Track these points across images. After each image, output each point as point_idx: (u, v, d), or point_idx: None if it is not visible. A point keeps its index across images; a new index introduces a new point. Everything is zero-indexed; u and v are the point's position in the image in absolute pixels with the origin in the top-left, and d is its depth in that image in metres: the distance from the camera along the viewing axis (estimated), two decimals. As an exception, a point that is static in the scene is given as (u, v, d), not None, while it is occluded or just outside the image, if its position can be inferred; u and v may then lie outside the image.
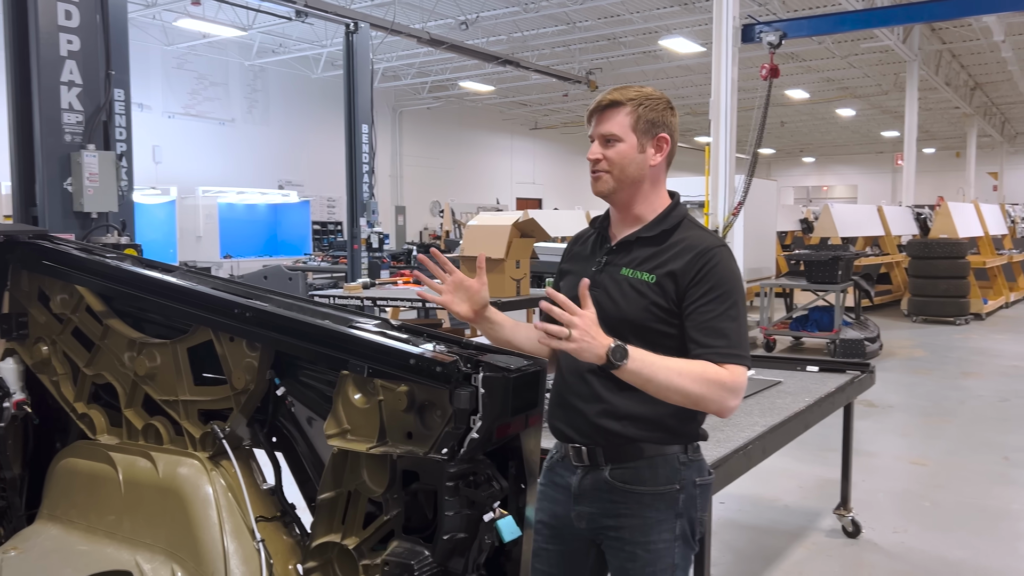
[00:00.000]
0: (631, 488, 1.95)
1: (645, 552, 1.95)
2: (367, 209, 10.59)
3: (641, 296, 1.93)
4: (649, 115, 1.97)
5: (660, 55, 19.22)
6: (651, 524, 1.95)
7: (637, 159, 1.97)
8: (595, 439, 1.97)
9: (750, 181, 8.67)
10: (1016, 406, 7.35)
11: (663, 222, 1.99)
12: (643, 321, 1.92)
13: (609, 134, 1.96)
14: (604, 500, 1.98)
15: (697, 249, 1.92)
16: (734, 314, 1.88)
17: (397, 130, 23.83)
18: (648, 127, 1.97)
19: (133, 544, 2.00)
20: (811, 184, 39.86)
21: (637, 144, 1.97)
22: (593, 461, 1.98)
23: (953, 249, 12.83)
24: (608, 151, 1.97)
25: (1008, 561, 4.03)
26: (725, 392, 1.83)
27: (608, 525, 1.98)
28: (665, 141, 2.00)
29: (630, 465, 1.95)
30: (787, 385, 3.85)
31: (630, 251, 1.99)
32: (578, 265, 2.10)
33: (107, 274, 2.15)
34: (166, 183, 15.39)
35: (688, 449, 1.99)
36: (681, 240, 1.96)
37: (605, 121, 1.97)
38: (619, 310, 1.94)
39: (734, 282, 1.92)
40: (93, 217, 5.41)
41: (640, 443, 1.95)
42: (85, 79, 5.29)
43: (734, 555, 4.12)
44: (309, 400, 1.94)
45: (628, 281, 1.95)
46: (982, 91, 24.33)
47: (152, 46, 16.90)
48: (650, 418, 1.92)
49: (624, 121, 1.96)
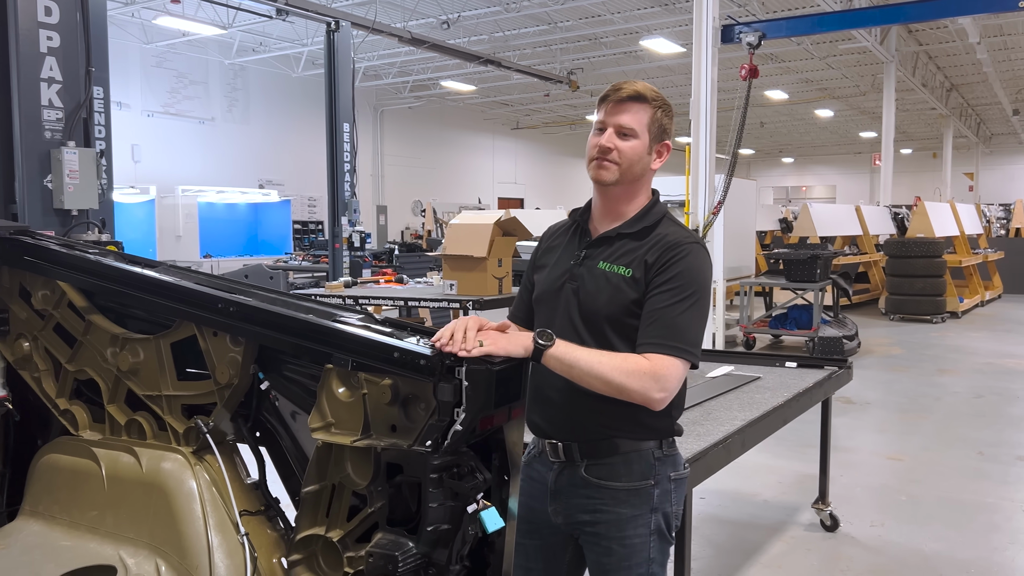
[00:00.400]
0: (606, 484, 1.96)
1: (620, 547, 1.96)
2: (348, 208, 10.57)
3: (617, 290, 1.93)
4: (663, 119, 1.98)
5: (641, 55, 19.30)
6: (626, 519, 1.96)
7: (645, 159, 1.97)
8: (570, 434, 1.98)
9: (730, 181, 8.74)
10: (990, 402, 7.46)
11: (644, 218, 2.00)
12: (618, 315, 1.92)
13: (628, 128, 1.94)
14: (580, 496, 1.99)
15: (670, 242, 1.93)
16: (684, 307, 1.86)
17: (378, 129, 23.77)
18: (660, 132, 1.98)
19: (116, 539, 2.01)
20: (790, 184, 40.15)
21: (648, 144, 1.96)
22: (569, 457, 1.99)
23: (930, 248, 12.99)
24: (622, 144, 1.94)
25: (982, 553, 4.10)
26: (648, 381, 1.80)
27: (584, 520, 1.99)
28: (667, 149, 2.01)
29: (605, 461, 1.96)
30: (766, 381, 3.89)
31: (610, 245, 2.00)
32: (554, 258, 2.09)
33: (89, 270, 2.15)
34: (145, 182, 15.28)
35: (663, 444, 1.99)
36: (660, 235, 1.96)
37: (625, 112, 1.94)
38: (595, 304, 1.95)
39: (696, 277, 1.90)
40: (73, 214, 5.38)
41: (615, 439, 1.96)
42: (65, 76, 5.26)
43: (714, 549, 4.16)
44: (293, 394, 1.95)
45: (605, 275, 1.96)
46: (958, 92, 24.61)
47: (131, 44, 16.77)
48: (625, 414, 1.91)
49: (643, 118, 1.95)
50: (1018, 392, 7.85)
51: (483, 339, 1.69)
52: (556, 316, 2.00)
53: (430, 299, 6.78)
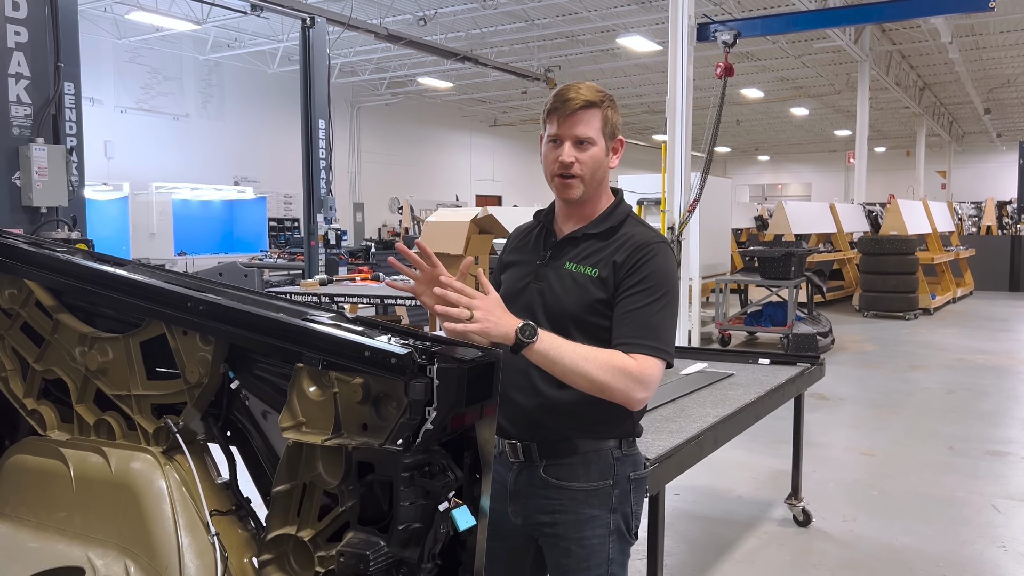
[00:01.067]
0: (565, 485, 1.96)
1: (579, 548, 1.96)
2: (324, 205, 10.52)
3: (583, 290, 1.93)
4: (613, 117, 1.96)
5: (618, 53, 19.36)
6: (585, 520, 1.95)
7: (604, 164, 1.96)
8: (530, 434, 1.97)
9: (705, 179, 8.79)
10: (961, 398, 7.57)
11: (609, 218, 2.00)
12: (584, 315, 1.92)
13: (585, 137, 1.91)
14: (539, 496, 1.98)
15: (637, 242, 1.93)
16: (658, 308, 1.87)
17: (355, 126, 23.67)
18: (612, 130, 1.97)
19: (85, 540, 1.98)
20: (766, 182, 40.46)
21: (605, 147, 1.95)
22: (528, 457, 1.98)
23: (902, 246, 13.15)
24: (582, 155, 1.91)
25: (951, 546, 4.16)
26: (631, 382, 1.81)
27: (543, 521, 1.99)
28: (621, 144, 2.00)
29: (564, 462, 1.96)
30: (739, 377, 3.93)
31: (576, 245, 1.99)
32: (522, 258, 2.09)
33: (57, 268, 2.12)
34: (118, 179, 15.11)
35: (623, 444, 1.99)
36: (626, 235, 1.96)
37: (579, 123, 1.90)
38: (561, 303, 1.95)
39: (666, 277, 1.91)
40: (42, 212, 5.31)
41: (574, 439, 1.95)
42: (33, 72, 5.19)
43: (688, 545, 4.19)
44: (264, 393, 1.94)
45: (571, 275, 1.96)
46: (931, 91, 24.91)
47: (103, 39, 16.57)
48: (586, 413, 1.92)
49: (597, 124, 1.92)
50: (987, 388, 7.97)
51: (474, 311, 1.70)
52: (522, 316, 2.00)
53: (406, 297, 6.76)
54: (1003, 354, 9.93)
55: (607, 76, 21.69)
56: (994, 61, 20.44)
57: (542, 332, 1.78)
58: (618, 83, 22.84)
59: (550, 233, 2.06)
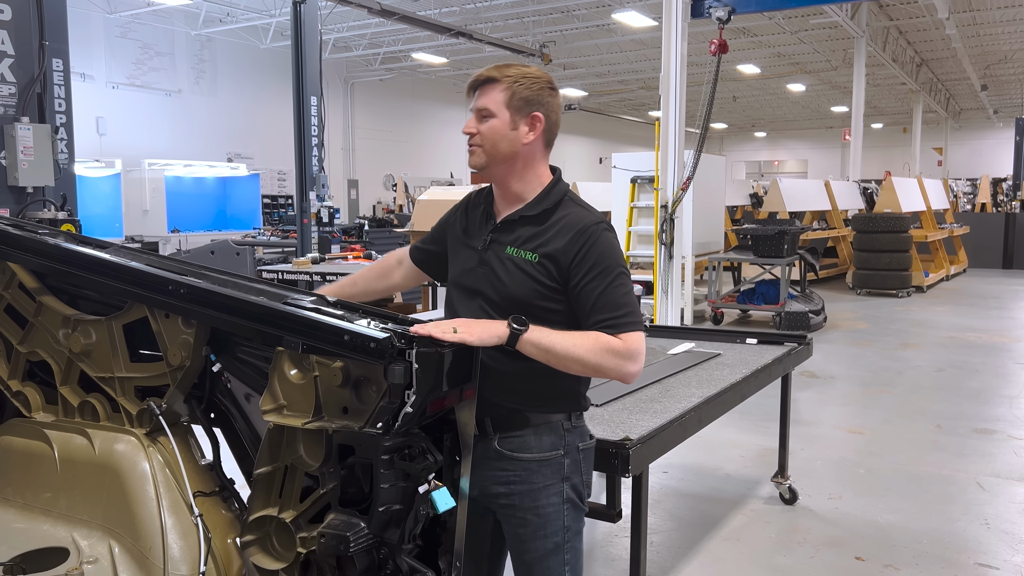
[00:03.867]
0: (518, 456, 2.02)
1: (535, 516, 2.02)
2: (317, 183, 10.48)
3: (525, 275, 1.97)
4: (523, 92, 2.00)
5: (613, 28, 19.21)
6: (539, 490, 2.02)
7: (509, 135, 2.00)
8: (483, 409, 1.99)
9: (699, 156, 8.76)
10: (950, 376, 7.62)
11: (544, 200, 2.04)
12: (529, 299, 1.97)
13: (484, 109, 2.01)
14: (494, 468, 2.03)
15: (576, 228, 1.97)
16: (618, 284, 1.94)
17: (349, 102, 23.52)
18: (522, 104, 2.00)
19: (70, 521, 2.01)
20: (763, 159, 40.36)
21: (510, 121, 2.00)
22: (482, 431, 2.01)
23: (896, 224, 13.14)
24: (481, 126, 2.01)
25: (935, 523, 4.20)
26: (622, 359, 1.90)
27: (499, 492, 2.04)
28: (539, 120, 2.02)
29: (516, 434, 2.01)
30: (726, 357, 3.94)
31: (513, 230, 2.03)
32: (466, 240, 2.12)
33: (40, 251, 2.12)
34: (111, 156, 15.02)
35: (571, 416, 2.06)
36: (562, 218, 2.00)
37: (481, 96, 2.02)
38: (505, 288, 1.99)
39: (614, 255, 1.97)
40: (29, 192, 5.29)
41: (525, 412, 2.01)
42: (17, 50, 5.15)
43: (676, 522, 4.23)
44: (246, 376, 1.96)
45: (513, 260, 2.00)
46: (928, 68, 24.79)
47: (94, 14, 16.40)
48: (536, 389, 1.99)
49: (498, 98, 2.00)
50: (977, 366, 8.01)
51: (457, 326, 1.76)
52: (470, 300, 2.04)
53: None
54: (994, 332, 9.98)
55: (602, 52, 21.55)
56: (991, 37, 20.34)
57: (531, 324, 1.85)
58: (613, 59, 22.70)
59: (490, 216, 2.10)
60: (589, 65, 23.81)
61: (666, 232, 8.57)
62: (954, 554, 3.85)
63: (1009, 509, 4.41)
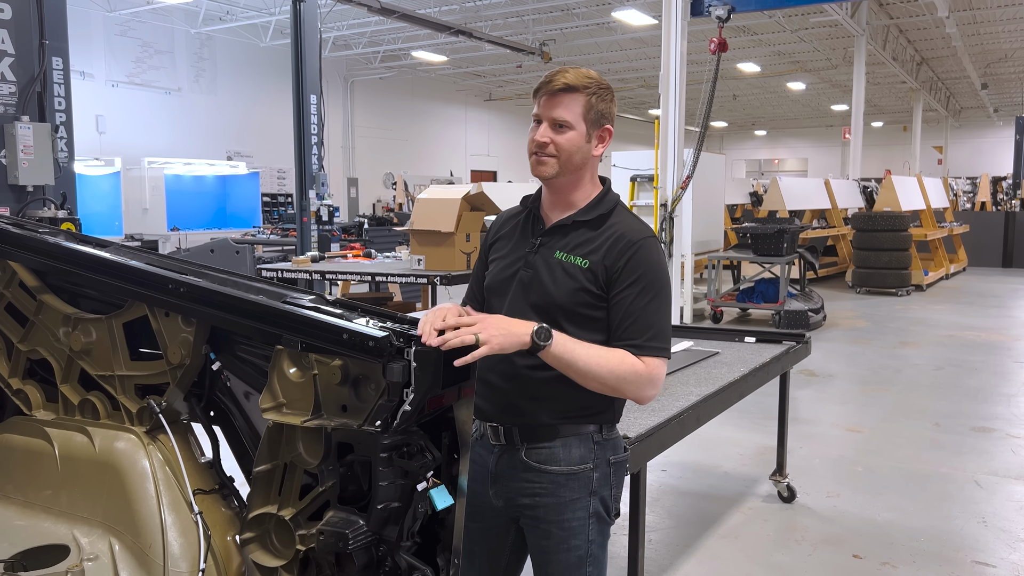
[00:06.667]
0: (546, 468, 1.99)
1: (559, 530, 1.99)
2: (316, 181, 10.49)
3: (573, 280, 1.94)
4: (600, 105, 1.96)
5: (613, 27, 19.21)
6: (565, 503, 1.99)
7: (584, 148, 1.96)
8: (512, 418, 2.00)
9: (698, 155, 8.76)
10: (949, 374, 7.63)
11: (598, 206, 2.00)
12: (574, 305, 1.94)
13: (562, 120, 1.94)
14: (520, 479, 2.01)
15: (627, 238, 1.94)
16: (656, 306, 1.92)
17: (349, 101, 23.51)
18: (598, 117, 1.97)
19: (70, 518, 2.02)
20: (763, 157, 40.34)
21: (586, 133, 1.96)
22: (509, 441, 2.00)
23: (896, 222, 13.15)
24: (558, 137, 1.94)
25: (933, 521, 4.22)
26: (642, 383, 1.88)
27: (524, 504, 2.02)
28: (609, 133, 2.00)
29: (545, 445, 1.99)
30: (724, 356, 3.96)
31: (565, 234, 2.00)
32: (508, 246, 2.09)
33: (40, 249, 2.13)
34: (110, 154, 15.01)
35: (603, 428, 2.02)
36: (613, 225, 1.97)
37: (558, 106, 1.94)
38: (550, 293, 1.96)
39: (659, 273, 1.94)
40: (29, 190, 5.29)
41: (555, 424, 1.98)
42: (17, 49, 5.15)
43: (674, 520, 4.24)
44: (245, 374, 1.96)
45: (561, 265, 1.97)
46: (928, 66, 24.78)
47: (94, 12, 16.40)
48: (567, 399, 1.95)
49: (577, 109, 1.94)
50: (976, 364, 8.03)
51: (479, 333, 1.70)
52: (510, 304, 2.01)
53: (398, 274, 6.78)
54: (993, 330, 9.99)
55: (602, 50, 21.55)
56: (991, 36, 20.33)
57: (556, 334, 1.81)
58: (613, 57, 22.70)
59: (538, 220, 2.07)
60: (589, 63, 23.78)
61: (666, 230, 8.57)
62: (952, 552, 3.87)
63: (1007, 507, 4.43)
